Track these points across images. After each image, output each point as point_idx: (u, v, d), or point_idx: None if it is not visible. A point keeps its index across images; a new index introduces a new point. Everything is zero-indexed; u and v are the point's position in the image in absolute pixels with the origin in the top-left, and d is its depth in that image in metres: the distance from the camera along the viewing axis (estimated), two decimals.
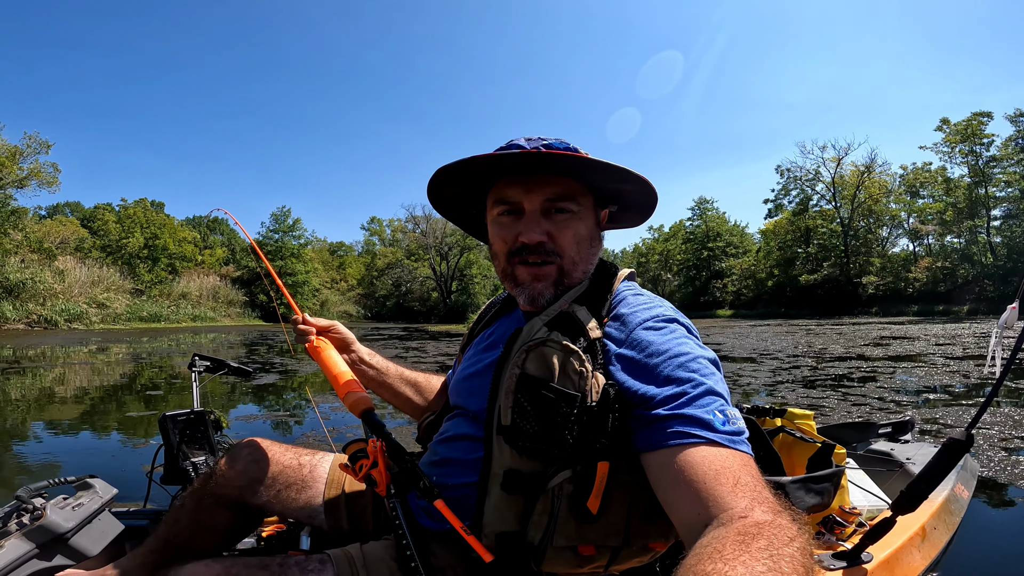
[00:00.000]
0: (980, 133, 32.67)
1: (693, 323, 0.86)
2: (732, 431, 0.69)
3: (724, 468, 0.64)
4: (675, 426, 0.69)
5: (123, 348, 14.17)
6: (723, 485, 0.62)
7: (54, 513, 1.11)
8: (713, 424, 0.68)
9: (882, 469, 2.02)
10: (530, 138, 0.90)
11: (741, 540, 0.52)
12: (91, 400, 6.05)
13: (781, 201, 42.44)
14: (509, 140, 0.91)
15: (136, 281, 35.00)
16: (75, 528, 1.12)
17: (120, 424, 4.71)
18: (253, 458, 1.09)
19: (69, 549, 1.11)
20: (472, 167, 0.88)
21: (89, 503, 1.18)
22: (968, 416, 3.96)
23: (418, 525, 0.92)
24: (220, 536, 1.11)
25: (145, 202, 42.78)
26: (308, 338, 1.20)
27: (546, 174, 0.88)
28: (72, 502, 1.18)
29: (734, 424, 0.70)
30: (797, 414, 1.48)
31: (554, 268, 0.90)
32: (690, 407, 0.70)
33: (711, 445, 0.67)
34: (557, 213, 0.89)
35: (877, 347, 10.08)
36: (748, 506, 0.59)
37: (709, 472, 0.64)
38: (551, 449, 0.78)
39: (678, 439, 0.68)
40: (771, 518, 0.56)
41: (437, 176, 0.91)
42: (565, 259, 0.90)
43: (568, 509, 0.77)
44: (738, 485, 0.62)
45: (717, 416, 0.69)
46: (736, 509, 0.58)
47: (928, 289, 31.88)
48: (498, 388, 0.85)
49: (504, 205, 0.91)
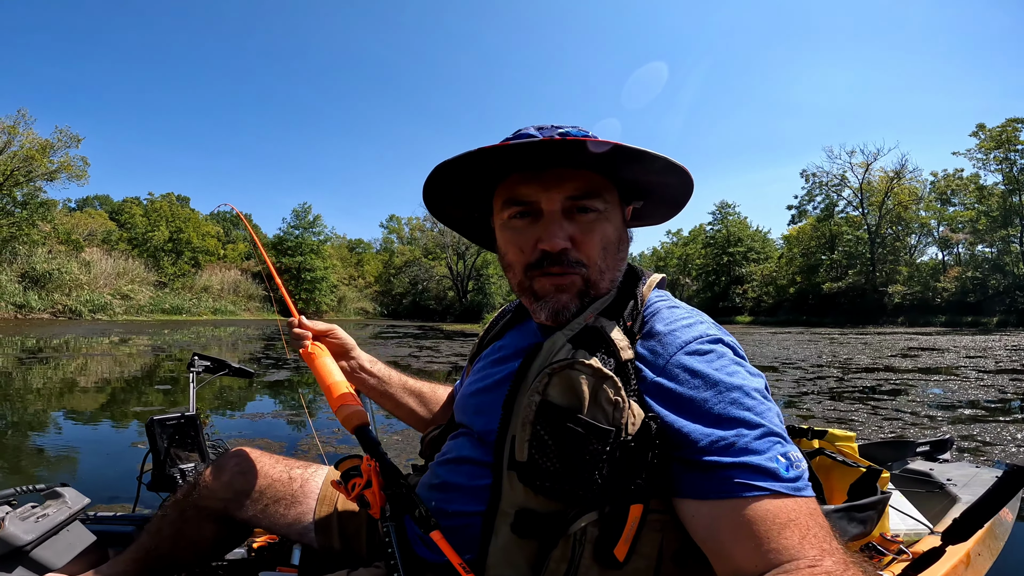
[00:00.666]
0: (1015, 139, 31.56)
1: None
2: (796, 476, 0.60)
3: (791, 520, 0.57)
4: (733, 476, 0.59)
5: (144, 340, 14.41)
6: (790, 538, 0.55)
7: (13, 524, 1.05)
8: (778, 473, 0.59)
9: (921, 491, 1.91)
10: (541, 126, 0.76)
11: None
12: (106, 394, 6.10)
13: (805, 207, 41.73)
14: (517, 129, 0.78)
15: (160, 274, 35.79)
16: (36, 540, 1.06)
17: (129, 420, 4.71)
18: (240, 469, 1.03)
19: (30, 561, 1.05)
20: (478, 161, 0.73)
21: (55, 514, 1.12)
22: (1007, 433, 3.73)
23: (414, 554, 0.82)
24: (204, 548, 1.05)
25: (172, 196, 43.70)
26: (303, 343, 1.11)
27: (566, 167, 0.75)
28: (37, 512, 1.12)
29: (798, 468, 0.61)
30: (839, 436, 1.38)
31: (579, 278, 0.76)
32: (750, 455, 0.60)
33: (776, 497, 0.58)
34: (580, 213, 0.75)
35: (905, 358, 9.74)
36: (818, 556, 0.53)
37: (774, 526, 0.56)
38: (575, 490, 0.66)
39: (739, 492, 0.59)
40: (843, 569, 0.52)
41: (435, 174, 0.77)
42: (592, 268, 0.76)
43: (592, 556, 0.66)
44: (806, 537, 0.56)
45: (780, 462, 0.60)
46: (806, 559, 0.53)
47: (957, 299, 30.98)
48: (511, 414, 0.73)
49: (517, 206, 0.77)
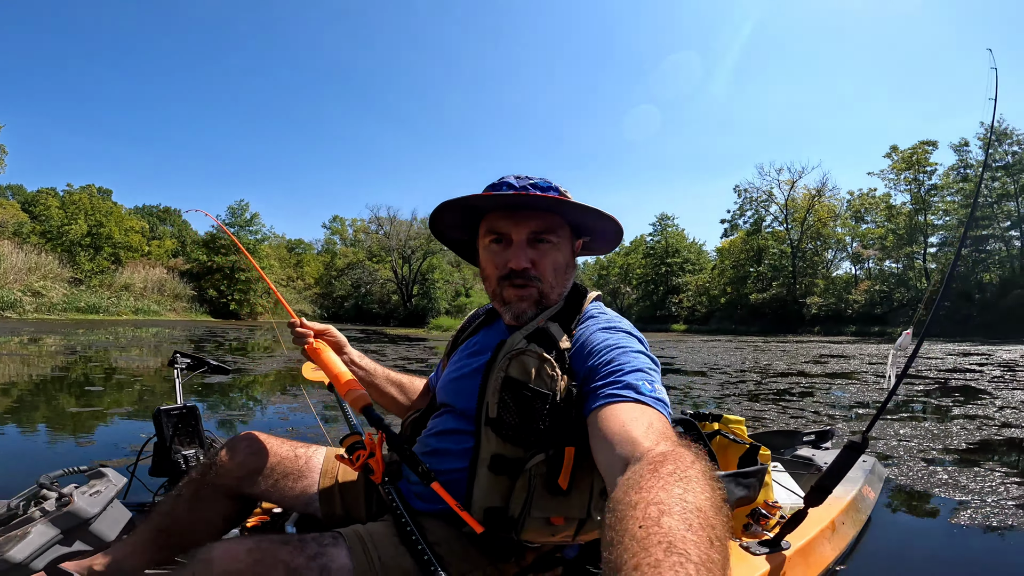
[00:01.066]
0: (924, 161, 34.40)
1: (649, 336, 1.04)
2: (655, 396, 0.82)
3: (640, 416, 0.76)
4: (608, 390, 0.84)
5: (57, 340, 13.40)
6: (637, 429, 0.72)
7: (80, 499, 1.14)
8: (639, 388, 0.82)
9: (803, 472, 2.25)
10: (519, 176, 1.05)
11: (652, 469, 0.58)
12: (12, 398, 5.72)
13: (737, 221, 44.04)
14: (500, 178, 1.06)
15: (76, 270, 32.98)
16: (97, 514, 1.16)
17: (48, 421, 4.49)
18: (252, 450, 1.16)
19: (89, 535, 1.15)
20: (471, 203, 1.04)
21: (106, 491, 1.23)
22: (891, 430, 4.26)
23: (411, 507, 1.02)
24: (215, 525, 1.16)
25: (92, 188, 40.47)
26: (307, 340, 1.29)
27: (531, 210, 1.03)
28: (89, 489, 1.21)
29: (659, 393, 0.83)
30: (731, 420, 1.67)
31: (535, 290, 1.04)
32: (622, 378, 0.85)
33: (635, 403, 0.80)
34: (539, 243, 1.04)
35: (816, 364, 10.63)
36: (655, 441, 0.68)
37: (627, 419, 0.75)
38: (528, 437, 0.93)
39: (609, 399, 0.82)
40: (672, 447, 0.65)
41: (439, 209, 1.06)
42: (545, 283, 1.04)
43: (543, 486, 0.92)
44: (650, 428, 0.73)
45: (644, 384, 0.83)
46: (645, 446, 0.68)
47: (866, 311, 33.64)
48: (486, 388, 1.00)
49: (495, 235, 1.05)
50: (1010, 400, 5.79)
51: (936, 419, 4.82)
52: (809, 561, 1.53)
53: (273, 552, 0.86)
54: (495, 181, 1.06)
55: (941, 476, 3.07)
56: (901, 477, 3.07)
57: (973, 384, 7.27)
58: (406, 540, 0.94)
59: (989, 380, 7.70)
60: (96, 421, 4.39)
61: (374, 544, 0.94)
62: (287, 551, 0.87)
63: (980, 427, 4.39)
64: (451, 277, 49.64)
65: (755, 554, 1.38)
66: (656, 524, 0.47)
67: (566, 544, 1.06)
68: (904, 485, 2.95)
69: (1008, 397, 6.01)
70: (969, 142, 32.23)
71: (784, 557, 1.42)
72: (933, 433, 4.15)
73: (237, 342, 15.54)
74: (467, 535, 0.99)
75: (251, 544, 0.87)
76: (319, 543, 0.91)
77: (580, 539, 1.01)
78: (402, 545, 0.94)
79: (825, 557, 1.64)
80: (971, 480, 2.98)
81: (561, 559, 1.11)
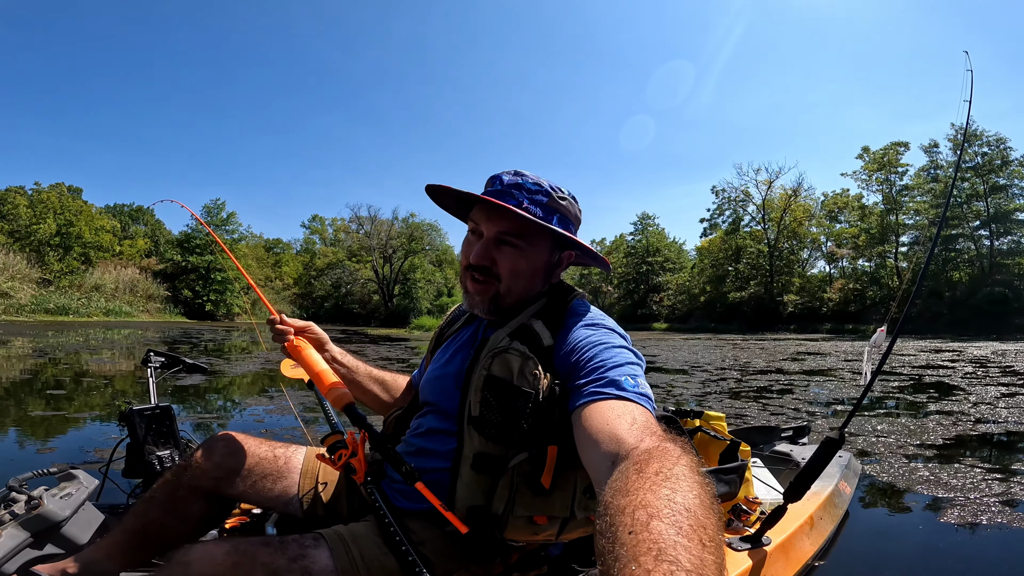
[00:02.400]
0: (896, 162, 35.25)
1: (630, 335, 1.01)
2: (639, 392, 0.81)
3: (624, 413, 0.75)
4: (591, 388, 0.83)
5: (25, 342, 12.97)
6: (621, 426, 0.71)
7: (50, 502, 1.12)
8: (622, 384, 0.82)
9: (782, 467, 2.28)
10: (516, 173, 1.03)
11: (638, 469, 0.56)
12: None
13: (716, 220, 44.55)
14: (495, 173, 1.05)
15: (45, 271, 32.01)
16: (68, 517, 1.14)
17: (17, 424, 4.32)
18: (229, 450, 1.14)
19: (61, 538, 1.13)
20: (451, 193, 1.05)
21: (77, 493, 1.20)
22: (869, 426, 4.34)
23: (394, 507, 1.01)
24: (191, 527, 1.14)
25: (61, 187, 39.17)
26: (287, 337, 1.26)
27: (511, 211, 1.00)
28: (59, 492, 1.19)
29: (642, 388, 0.82)
30: (712, 416, 1.68)
31: (492, 288, 1.03)
32: (606, 374, 0.84)
33: (619, 400, 0.79)
34: (504, 245, 1.02)
35: (794, 362, 10.82)
36: (639, 438, 0.67)
37: (611, 416, 0.75)
38: (511, 435, 0.92)
39: (593, 396, 0.81)
40: (657, 443, 0.63)
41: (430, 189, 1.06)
42: (502, 284, 1.03)
43: (525, 485, 0.92)
44: (634, 424, 0.72)
45: (628, 380, 0.82)
46: (630, 443, 0.67)
47: (840, 309, 34.38)
48: (468, 386, 0.99)
49: (473, 225, 1.06)
50: (983, 396, 5.93)
51: (911, 415, 4.92)
52: (789, 556, 1.55)
53: (253, 554, 0.85)
54: (495, 174, 1.06)
55: (917, 471, 3.13)
56: (877, 472, 3.12)
57: (946, 380, 7.46)
58: (389, 540, 0.92)
59: (962, 376, 7.91)
60: (68, 424, 4.24)
61: (357, 545, 0.92)
62: (267, 553, 0.86)
63: (955, 423, 4.48)
64: (433, 277, 49.38)
65: (736, 550, 1.39)
66: (645, 529, 0.46)
67: (550, 543, 1.05)
68: (880, 480, 3.00)
69: (982, 393, 6.16)
70: (939, 144, 33.24)
71: (765, 553, 1.43)
72: (909, 429, 4.23)
73: (213, 343, 15.22)
74: (451, 535, 0.97)
75: (230, 546, 0.86)
76: (300, 544, 0.90)
77: (564, 538, 1.00)
78: (385, 545, 0.93)
79: (805, 552, 1.66)
80: (948, 475, 3.04)
81: (546, 558, 1.11)
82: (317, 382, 1.14)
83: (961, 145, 2.45)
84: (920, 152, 34.82)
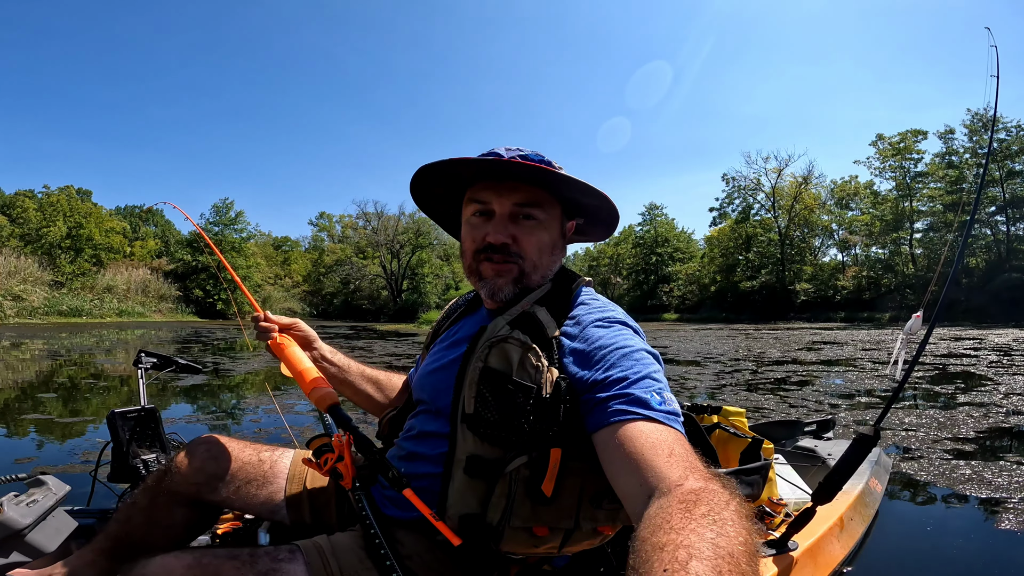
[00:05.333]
0: (912, 148, 34.86)
1: (641, 326, 0.94)
2: (667, 411, 0.75)
3: (660, 441, 0.69)
4: (616, 405, 0.75)
5: (39, 344, 13.07)
6: (659, 456, 0.66)
7: (11, 509, 1.09)
8: (650, 403, 0.75)
9: (807, 464, 2.14)
10: (509, 148, 0.95)
11: (684, 508, 0.54)
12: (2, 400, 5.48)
13: (725, 209, 44.22)
14: (491, 148, 0.97)
15: (56, 273, 32.34)
16: (31, 524, 1.10)
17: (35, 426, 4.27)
18: (211, 454, 1.09)
19: (25, 546, 1.10)
20: (453, 169, 0.95)
21: (43, 500, 1.17)
22: (896, 419, 4.16)
23: (383, 515, 0.94)
24: (176, 533, 1.10)
25: (70, 189, 39.52)
26: (271, 335, 1.20)
27: (518, 182, 0.94)
28: (26, 498, 1.16)
29: (670, 405, 0.76)
30: (731, 412, 1.56)
31: (516, 268, 0.95)
32: (629, 389, 0.76)
33: (648, 421, 0.72)
34: (524, 219, 0.95)
35: (810, 352, 10.61)
36: (682, 475, 0.62)
37: (646, 444, 0.69)
38: (509, 436, 0.83)
39: (619, 416, 0.74)
40: (704, 484, 0.60)
41: (419, 173, 0.98)
42: (526, 262, 0.95)
43: (524, 492, 0.83)
44: (672, 456, 0.66)
45: (654, 397, 0.76)
46: (672, 479, 0.62)
47: (854, 297, 34.04)
48: (463, 381, 0.90)
49: (477, 205, 0.97)
50: (1013, 386, 5.66)
51: (940, 407, 4.72)
52: (818, 561, 1.46)
53: (216, 568, 0.80)
54: (486, 152, 0.97)
55: (952, 467, 2.95)
56: (909, 468, 2.95)
57: (972, 369, 7.22)
58: (373, 553, 0.86)
59: (987, 365, 7.66)
60: (74, 426, 4.18)
61: (336, 558, 0.87)
62: (233, 567, 0.81)
63: (987, 415, 4.27)
64: (441, 271, 49.42)
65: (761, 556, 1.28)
66: (683, 569, 0.46)
67: (553, 555, 0.96)
68: (913, 477, 2.83)
69: (1011, 383, 5.88)
70: (955, 130, 32.64)
71: (792, 558, 1.35)
72: (939, 421, 4.04)
73: (224, 342, 15.27)
74: (443, 547, 0.90)
75: (191, 559, 0.81)
76: (273, 558, 0.84)
77: (567, 550, 0.92)
78: (368, 559, 0.87)
79: (834, 556, 1.55)
80: (986, 471, 2.86)
81: (550, 572, 1.01)
82: (299, 381, 1.08)
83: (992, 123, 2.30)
84: (933, 138, 34.39)
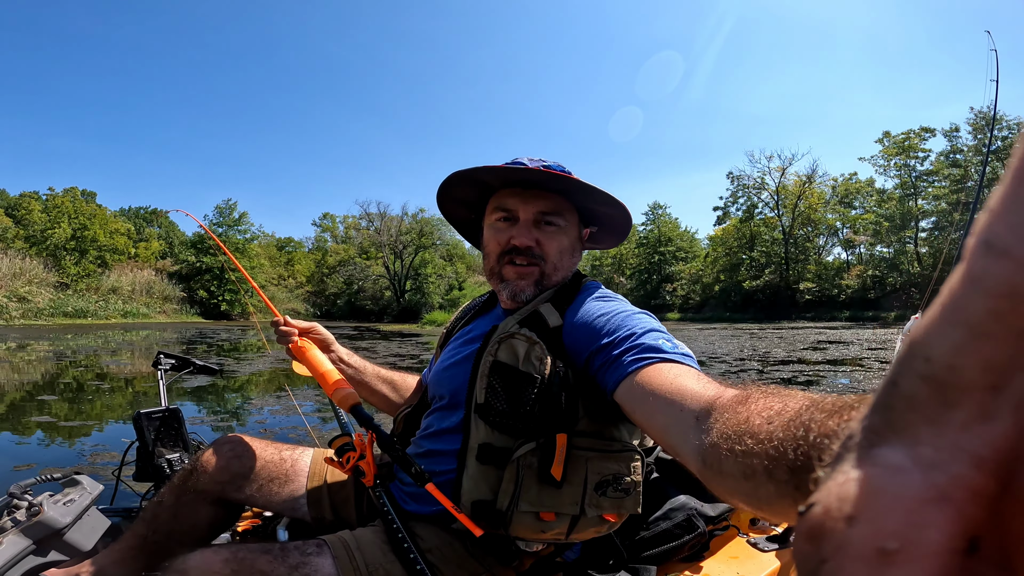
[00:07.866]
0: (917, 147, 34.67)
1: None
2: (682, 352, 0.77)
3: (685, 371, 0.69)
4: (631, 356, 0.77)
5: (45, 345, 13.15)
6: (690, 381, 0.64)
7: (51, 509, 1.11)
8: (662, 348, 0.76)
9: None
10: (532, 158, 1.02)
11: (740, 400, 0.48)
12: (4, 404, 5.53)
13: (729, 208, 44.09)
14: (514, 158, 1.04)
15: (61, 274, 32.49)
16: (70, 524, 1.13)
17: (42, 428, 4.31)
18: (235, 453, 1.13)
19: (64, 545, 1.12)
20: (480, 176, 1.03)
21: (80, 499, 1.20)
22: None
23: (403, 510, 1.00)
24: (200, 531, 1.13)
25: (75, 191, 39.70)
26: (291, 339, 1.24)
27: (542, 190, 1.02)
28: (62, 498, 1.19)
29: (682, 349, 0.78)
30: None
31: (537, 270, 1.01)
32: (639, 340, 0.79)
33: (666, 362, 0.73)
34: (547, 225, 1.02)
35: (815, 351, 10.59)
36: (719, 389, 0.58)
37: (670, 377, 0.68)
38: (517, 424, 0.88)
39: (637, 364, 0.75)
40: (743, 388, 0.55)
41: (449, 180, 1.05)
42: (548, 264, 1.02)
43: (532, 477, 0.87)
44: (701, 379, 0.65)
45: (665, 343, 0.78)
46: (711, 393, 0.58)
47: (859, 296, 33.87)
48: (476, 373, 0.96)
49: (502, 212, 1.03)
50: None
51: None
52: None
53: (251, 562, 0.84)
54: (509, 161, 1.04)
55: None
56: None
57: None
58: (396, 547, 0.91)
59: None
60: (83, 427, 4.22)
61: (361, 552, 0.91)
62: (266, 560, 0.85)
63: None
64: (444, 271, 49.42)
65: (763, 551, 1.33)
66: (778, 416, 0.39)
67: (566, 547, 1.01)
68: None
69: None
70: (960, 128, 32.44)
71: None
72: None
73: (228, 343, 15.33)
74: (462, 540, 0.95)
75: (228, 554, 0.85)
76: (302, 552, 0.88)
77: (574, 537, 0.94)
78: (392, 553, 0.91)
79: None
80: None
81: (562, 564, 1.05)
82: (322, 383, 1.13)
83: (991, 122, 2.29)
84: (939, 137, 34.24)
